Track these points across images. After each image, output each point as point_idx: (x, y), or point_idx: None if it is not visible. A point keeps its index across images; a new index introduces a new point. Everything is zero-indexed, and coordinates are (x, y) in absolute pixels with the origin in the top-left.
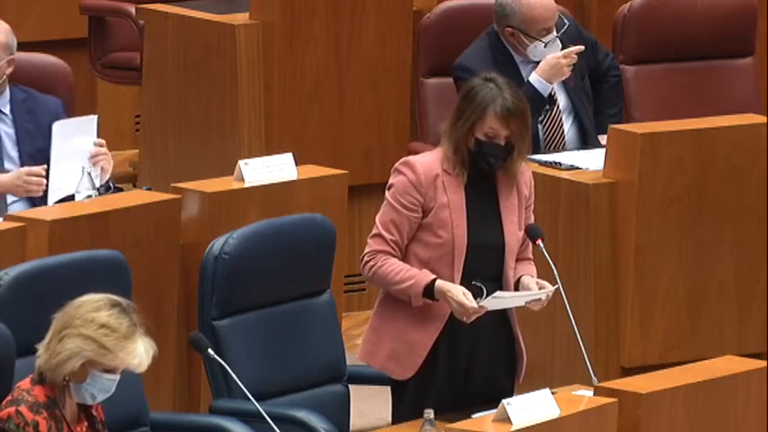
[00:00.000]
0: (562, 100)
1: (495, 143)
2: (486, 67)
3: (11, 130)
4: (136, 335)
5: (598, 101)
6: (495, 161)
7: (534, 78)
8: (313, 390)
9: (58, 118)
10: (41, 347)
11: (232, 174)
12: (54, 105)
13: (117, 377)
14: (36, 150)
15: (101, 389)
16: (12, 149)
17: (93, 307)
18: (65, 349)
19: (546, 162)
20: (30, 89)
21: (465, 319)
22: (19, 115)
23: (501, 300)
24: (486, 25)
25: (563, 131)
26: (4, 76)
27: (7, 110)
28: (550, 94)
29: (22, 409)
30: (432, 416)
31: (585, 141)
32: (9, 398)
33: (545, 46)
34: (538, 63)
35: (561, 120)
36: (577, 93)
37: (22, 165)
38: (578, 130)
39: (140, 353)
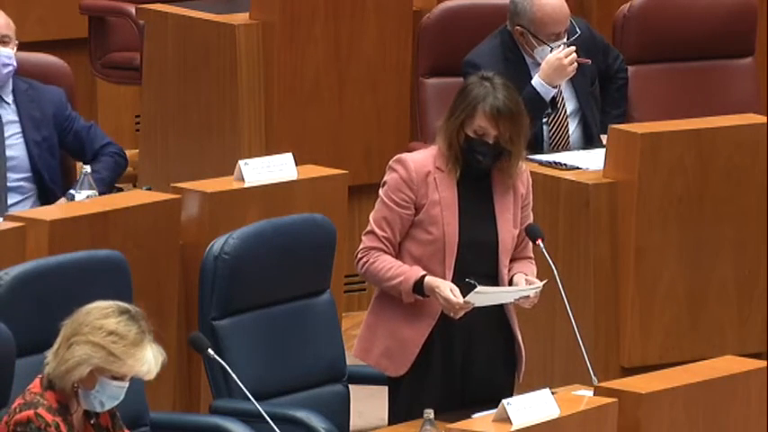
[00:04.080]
0: (571, 103)
1: (484, 141)
2: (495, 65)
3: (14, 117)
4: (144, 342)
5: (604, 101)
6: (483, 158)
7: (537, 81)
8: (313, 390)
9: (62, 107)
10: (50, 354)
11: (232, 174)
12: (57, 95)
13: (126, 384)
14: (42, 138)
15: (109, 396)
16: (17, 137)
17: (102, 314)
18: (73, 356)
19: (546, 162)
20: (31, 80)
21: (452, 314)
22: (22, 104)
23: (487, 295)
24: (486, 25)
25: (568, 134)
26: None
27: (10, 99)
28: (554, 97)
29: (41, 411)
30: (431, 416)
31: (589, 143)
32: (20, 401)
33: (551, 51)
34: None
35: (567, 122)
36: (586, 97)
37: (30, 152)
38: (583, 132)
39: (149, 360)
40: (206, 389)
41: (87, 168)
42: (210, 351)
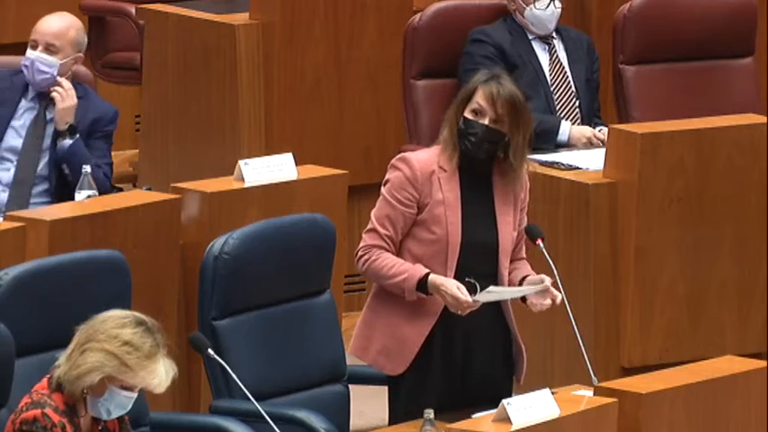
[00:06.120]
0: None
1: (479, 122)
2: (502, 36)
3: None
4: (158, 355)
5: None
6: (474, 140)
7: (566, 127)
8: (313, 390)
9: (105, 121)
10: (62, 357)
11: (232, 174)
12: (112, 113)
13: (134, 395)
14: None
15: (117, 405)
16: (51, 146)
17: (119, 323)
18: (86, 362)
19: (546, 162)
20: (89, 88)
21: (459, 312)
22: None
23: (495, 294)
24: (477, 26)
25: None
26: (69, 73)
27: None
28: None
29: (48, 411)
30: (432, 416)
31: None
32: (27, 400)
33: (537, 7)
34: (546, 41)
35: (572, 92)
36: (582, 85)
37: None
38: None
39: (160, 373)
40: (206, 389)
41: (87, 168)
42: (210, 351)
